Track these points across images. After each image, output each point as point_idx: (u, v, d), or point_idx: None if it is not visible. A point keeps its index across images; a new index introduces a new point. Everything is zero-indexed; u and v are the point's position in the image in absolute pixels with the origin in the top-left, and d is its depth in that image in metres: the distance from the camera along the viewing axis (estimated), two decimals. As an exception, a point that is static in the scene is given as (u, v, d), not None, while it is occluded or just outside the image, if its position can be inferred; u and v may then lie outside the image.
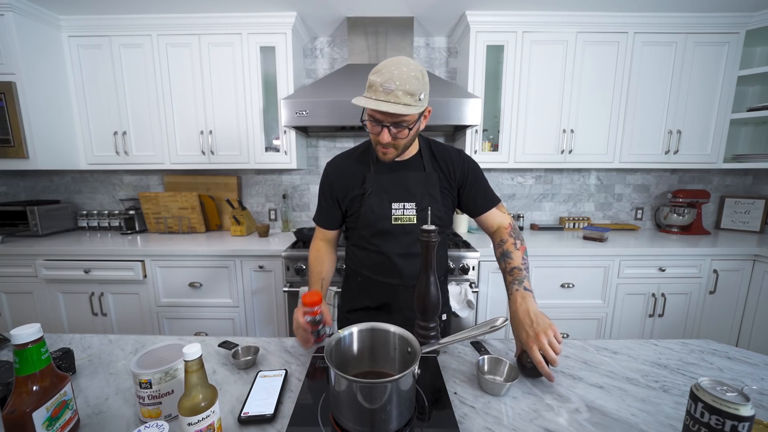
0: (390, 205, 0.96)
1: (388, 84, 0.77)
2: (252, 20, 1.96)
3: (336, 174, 1.01)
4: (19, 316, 1.94)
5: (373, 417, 0.55)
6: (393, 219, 0.96)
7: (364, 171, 0.98)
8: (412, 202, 0.96)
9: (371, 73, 0.80)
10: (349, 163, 1.01)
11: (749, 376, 0.74)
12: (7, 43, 1.79)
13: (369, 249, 1.01)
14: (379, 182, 0.96)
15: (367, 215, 0.96)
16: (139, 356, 0.64)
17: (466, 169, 1.00)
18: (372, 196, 0.96)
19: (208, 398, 0.52)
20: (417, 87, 0.78)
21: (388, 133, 0.83)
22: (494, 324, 0.70)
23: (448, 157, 1.01)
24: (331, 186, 1.01)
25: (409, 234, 0.96)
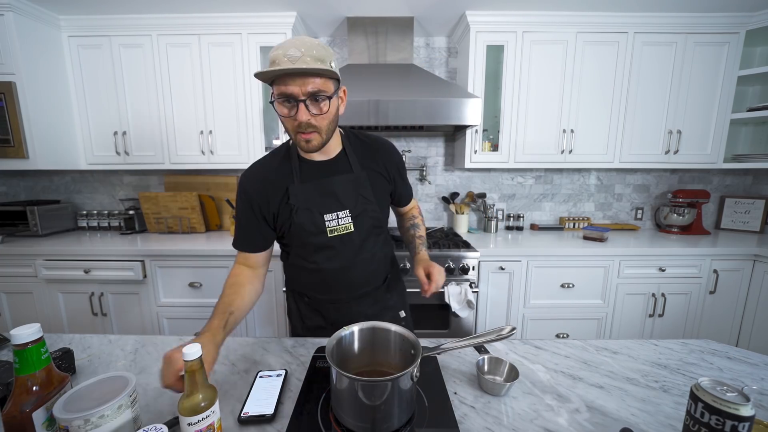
0: (322, 217, 0.86)
1: (292, 52, 0.68)
2: (252, 20, 1.96)
3: (254, 187, 0.86)
4: (19, 316, 1.94)
5: (374, 414, 0.55)
6: (329, 231, 0.87)
7: (287, 182, 0.85)
8: (345, 209, 0.87)
9: (271, 53, 0.71)
10: (268, 173, 0.87)
11: (749, 376, 0.74)
12: (7, 43, 1.79)
13: (308, 267, 0.91)
14: (305, 194, 0.85)
15: (299, 233, 0.86)
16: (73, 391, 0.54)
17: (399, 165, 0.98)
18: (300, 211, 0.85)
19: (208, 398, 0.51)
20: (324, 54, 0.71)
21: (305, 109, 0.72)
22: (501, 332, 0.69)
23: (379, 149, 0.94)
24: (251, 201, 0.86)
25: (347, 244, 0.89)
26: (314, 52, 0.69)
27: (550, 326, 1.94)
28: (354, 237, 0.89)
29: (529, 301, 1.91)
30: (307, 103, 0.72)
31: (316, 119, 0.75)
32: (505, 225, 2.46)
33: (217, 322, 0.74)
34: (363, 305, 0.97)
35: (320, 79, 0.72)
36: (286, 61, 0.68)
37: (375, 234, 0.93)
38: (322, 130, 0.77)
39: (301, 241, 0.88)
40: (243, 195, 0.87)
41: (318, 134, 0.77)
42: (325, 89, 0.73)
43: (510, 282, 1.89)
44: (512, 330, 0.69)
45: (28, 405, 0.51)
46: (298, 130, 0.76)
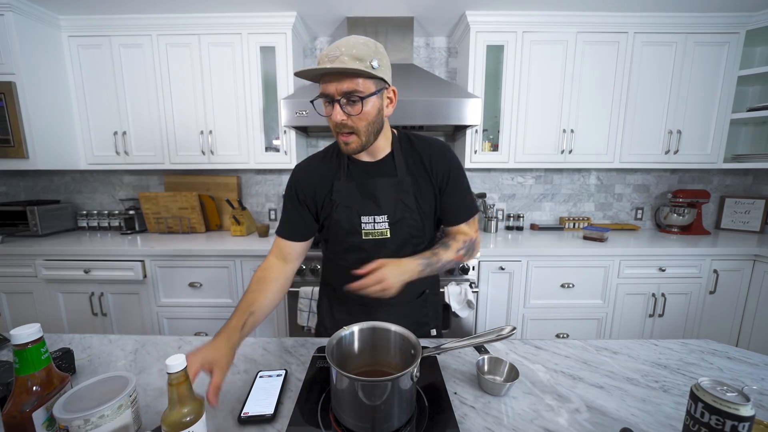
0: (359, 218, 0.86)
1: (333, 52, 0.69)
2: (252, 20, 1.96)
3: (305, 178, 0.89)
4: (19, 316, 1.94)
5: (374, 414, 0.55)
6: (363, 234, 0.86)
7: (334, 178, 0.87)
8: (383, 215, 0.85)
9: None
10: (318, 167, 0.90)
11: (749, 376, 0.74)
12: (7, 43, 1.79)
13: (341, 264, 0.91)
14: (347, 192, 0.86)
15: (336, 229, 0.88)
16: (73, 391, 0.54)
17: (450, 170, 0.87)
18: (340, 209, 0.86)
19: (194, 412, 0.49)
20: (366, 52, 0.70)
21: (339, 110, 0.72)
22: (501, 332, 0.69)
23: (429, 152, 0.87)
24: (299, 190, 0.89)
25: (381, 248, 0.87)
26: (354, 51, 0.69)
27: (550, 326, 1.94)
28: (389, 244, 0.87)
29: (529, 301, 1.91)
30: (342, 103, 0.72)
31: (352, 120, 0.74)
32: (505, 225, 2.46)
33: (236, 321, 0.73)
34: (393, 315, 0.90)
35: (359, 79, 0.71)
36: (327, 61, 0.69)
37: (413, 244, 0.89)
38: (360, 131, 0.76)
39: (337, 238, 0.90)
40: (293, 183, 0.90)
41: (356, 136, 0.76)
42: (362, 89, 0.71)
43: (510, 282, 1.89)
44: (512, 330, 0.69)
45: (28, 405, 0.51)
46: (337, 130, 0.76)
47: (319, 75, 0.72)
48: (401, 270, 0.76)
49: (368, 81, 0.72)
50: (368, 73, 0.69)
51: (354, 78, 0.70)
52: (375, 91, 0.73)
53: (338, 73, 0.70)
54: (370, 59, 0.70)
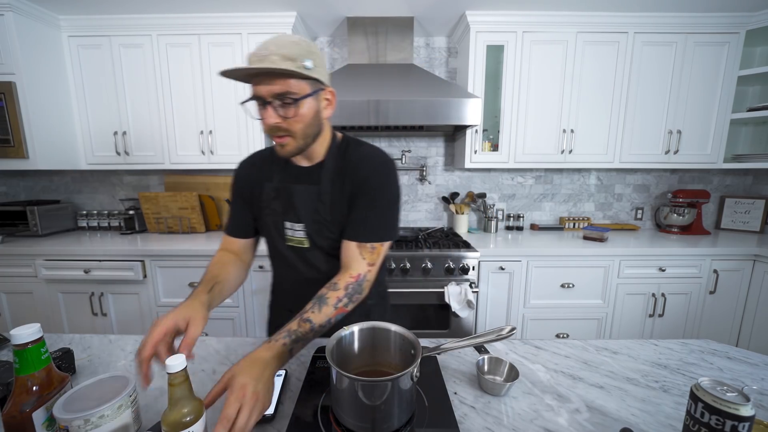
0: (283, 224, 0.84)
1: (261, 51, 0.65)
2: (252, 20, 1.96)
3: (244, 175, 0.89)
4: (19, 316, 1.94)
5: (374, 414, 0.55)
6: (286, 240, 0.85)
7: (266, 178, 0.85)
8: (301, 223, 0.82)
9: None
10: (259, 164, 0.88)
11: (749, 376, 0.74)
12: (7, 43, 1.79)
13: (276, 272, 0.93)
14: (273, 196, 0.83)
15: (265, 232, 0.88)
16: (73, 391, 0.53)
17: (367, 182, 0.78)
18: (267, 211, 0.84)
19: (194, 412, 0.49)
20: (297, 52, 0.66)
21: (272, 112, 0.68)
22: (501, 332, 0.69)
23: (358, 164, 0.79)
24: (239, 186, 0.89)
25: (301, 258, 0.85)
26: (284, 51, 0.65)
27: (550, 326, 1.94)
28: (307, 254, 0.84)
29: (529, 301, 1.91)
30: (275, 106, 0.68)
31: (287, 123, 0.70)
32: (505, 225, 2.46)
33: (202, 288, 0.73)
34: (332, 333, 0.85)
35: (291, 80, 0.67)
36: (255, 60, 0.65)
37: (335, 256, 0.82)
38: (296, 134, 0.72)
39: (267, 241, 0.90)
40: (234, 179, 0.90)
41: (292, 138, 0.72)
42: (295, 91, 0.68)
43: (510, 282, 1.89)
44: (512, 330, 0.69)
45: (28, 405, 0.51)
46: (271, 133, 0.72)
47: (250, 76, 0.68)
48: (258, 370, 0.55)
49: (302, 82, 0.68)
50: (300, 73, 0.65)
51: (286, 79, 0.67)
52: (310, 92, 0.70)
53: (269, 74, 0.66)
54: (302, 59, 0.66)
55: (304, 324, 0.68)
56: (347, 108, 1.74)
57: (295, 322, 0.68)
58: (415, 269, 1.78)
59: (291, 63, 0.65)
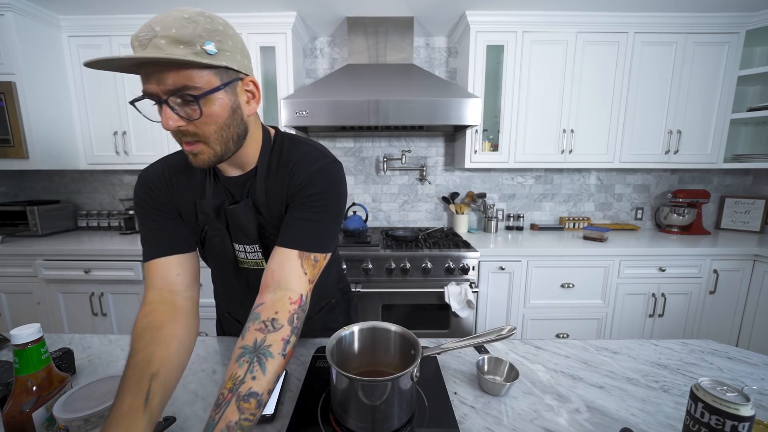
0: (232, 246, 0.72)
1: (144, 32, 0.48)
2: (252, 20, 1.95)
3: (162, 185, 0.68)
4: (19, 316, 1.94)
5: (374, 414, 0.55)
6: (239, 262, 0.74)
7: (195, 195, 0.68)
8: (254, 244, 0.70)
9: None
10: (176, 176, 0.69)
11: (749, 376, 0.74)
12: (7, 43, 1.79)
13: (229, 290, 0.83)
14: (212, 215, 0.68)
15: (212, 255, 0.75)
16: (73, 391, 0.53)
17: (307, 185, 0.64)
18: (210, 233, 0.70)
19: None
20: (192, 31, 0.49)
21: (170, 113, 0.52)
22: (501, 332, 0.69)
23: (293, 164, 0.66)
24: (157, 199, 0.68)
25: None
26: (173, 32, 0.48)
27: (550, 326, 1.94)
28: None
29: (529, 301, 1.91)
30: (173, 104, 0.52)
31: (193, 125, 0.54)
32: (505, 225, 2.46)
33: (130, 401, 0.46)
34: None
35: (191, 71, 0.50)
36: (137, 45, 0.49)
37: None
38: (209, 138, 0.56)
39: (215, 263, 0.77)
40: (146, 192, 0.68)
41: (205, 145, 0.56)
42: (198, 84, 0.51)
43: (510, 282, 1.89)
44: (512, 330, 0.69)
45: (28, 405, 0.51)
46: (176, 139, 0.56)
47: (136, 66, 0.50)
48: None
49: (207, 72, 0.52)
50: (198, 62, 0.49)
51: (180, 70, 0.50)
52: (220, 85, 0.54)
53: (157, 64, 0.49)
54: (200, 41, 0.50)
55: (247, 405, 0.45)
56: (347, 108, 1.74)
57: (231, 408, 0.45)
58: (415, 269, 1.78)
59: (185, 48, 0.49)
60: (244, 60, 0.59)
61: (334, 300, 0.92)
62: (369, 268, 1.76)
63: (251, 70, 0.62)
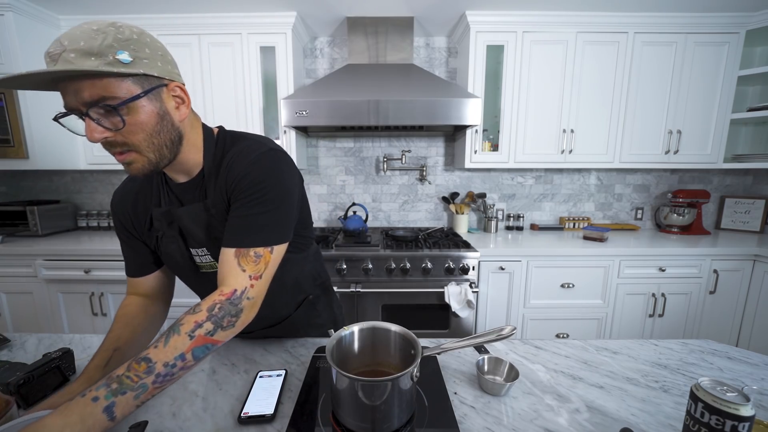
0: (188, 251, 0.73)
1: (54, 48, 0.49)
2: (252, 20, 1.95)
3: (122, 206, 0.75)
4: (19, 316, 1.94)
5: (374, 414, 0.55)
6: (199, 268, 0.75)
7: (149, 205, 0.73)
8: (202, 247, 0.71)
9: None
10: (134, 190, 0.74)
11: (749, 376, 0.74)
12: (7, 43, 1.79)
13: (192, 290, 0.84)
14: (167, 221, 0.71)
15: (171, 264, 0.76)
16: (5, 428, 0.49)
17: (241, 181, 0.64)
18: (165, 240, 0.72)
19: None
20: (101, 42, 0.50)
21: (93, 125, 0.52)
22: (501, 332, 0.69)
23: (232, 160, 0.67)
24: (120, 221, 0.76)
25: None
26: (81, 44, 0.49)
27: (550, 326, 1.94)
28: None
29: (529, 301, 1.91)
30: (95, 116, 0.52)
31: (120, 135, 0.55)
32: (505, 225, 2.46)
33: (96, 362, 0.62)
34: (279, 330, 0.88)
35: (104, 81, 0.51)
36: (48, 60, 0.49)
37: None
38: (140, 147, 0.57)
39: (178, 273, 0.78)
40: (113, 213, 0.76)
41: (137, 153, 0.57)
42: (115, 94, 0.52)
43: (510, 282, 1.89)
44: (512, 330, 0.69)
45: None
46: (109, 150, 0.57)
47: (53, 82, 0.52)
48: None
49: (124, 81, 0.52)
50: (110, 72, 0.50)
51: (95, 81, 0.50)
52: (140, 93, 0.54)
53: (72, 78, 0.50)
54: (112, 51, 0.50)
55: (136, 366, 0.50)
56: (347, 108, 1.74)
57: (124, 365, 0.51)
58: (415, 269, 1.78)
59: (96, 59, 0.49)
60: (167, 66, 0.59)
61: (312, 296, 0.90)
62: (369, 268, 1.76)
63: (177, 76, 0.62)
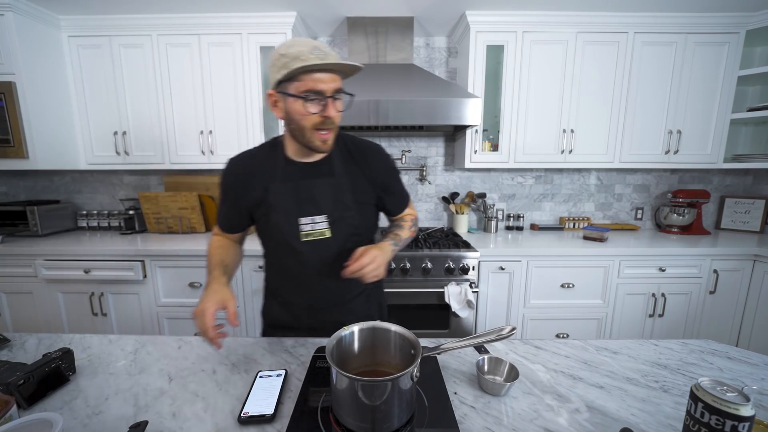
0: (297, 221, 0.85)
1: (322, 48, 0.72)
2: (252, 20, 1.96)
3: (238, 177, 0.88)
4: (19, 316, 1.94)
5: (374, 415, 0.55)
6: (303, 236, 0.85)
7: (267, 180, 0.85)
8: (323, 215, 0.85)
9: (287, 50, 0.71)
10: (253, 165, 0.87)
11: (749, 376, 0.74)
12: (7, 43, 1.79)
13: (282, 269, 0.93)
14: (284, 194, 0.84)
15: (274, 233, 0.86)
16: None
17: (389, 169, 0.93)
18: (277, 212, 0.84)
19: None
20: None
21: (333, 105, 0.75)
22: (501, 332, 0.69)
23: (368, 155, 0.90)
24: (232, 190, 0.88)
25: (322, 250, 0.86)
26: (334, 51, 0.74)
27: (550, 326, 1.94)
28: (330, 243, 0.87)
29: (529, 301, 1.91)
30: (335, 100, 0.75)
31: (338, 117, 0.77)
32: (505, 225, 2.46)
33: (217, 273, 0.83)
34: (337, 314, 0.94)
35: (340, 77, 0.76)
36: (315, 58, 0.69)
37: (353, 242, 0.88)
38: (336, 128, 0.80)
39: (276, 242, 0.89)
40: (224, 180, 0.89)
41: (332, 132, 0.79)
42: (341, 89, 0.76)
43: (510, 282, 1.89)
44: (512, 330, 0.69)
45: None
46: (320, 127, 0.76)
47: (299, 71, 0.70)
48: (382, 252, 0.82)
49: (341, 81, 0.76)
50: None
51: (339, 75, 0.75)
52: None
53: (330, 70, 0.72)
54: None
55: (396, 237, 0.92)
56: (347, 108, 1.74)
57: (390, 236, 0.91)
58: (415, 269, 1.78)
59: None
60: None
61: (370, 287, 0.99)
62: (369, 268, 1.75)
63: None
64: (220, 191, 0.91)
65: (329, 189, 0.86)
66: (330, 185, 0.86)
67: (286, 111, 0.77)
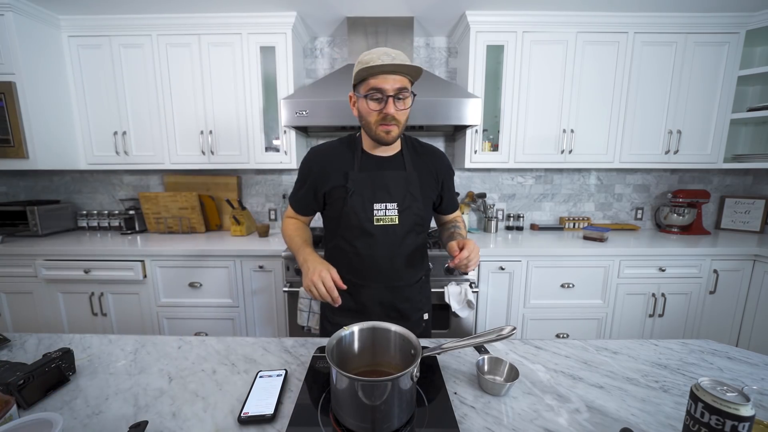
0: (372, 206, 0.95)
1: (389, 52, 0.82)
2: (252, 20, 1.96)
3: (320, 164, 0.98)
4: (19, 316, 1.94)
5: (374, 414, 0.55)
6: (375, 220, 0.95)
7: (347, 168, 0.96)
8: (394, 203, 0.96)
9: (364, 56, 0.84)
10: (334, 155, 0.99)
11: (749, 376, 0.74)
12: (7, 43, 1.79)
13: (351, 252, 0.99)
14: (363, 181, 0.95)
15: (350, 216, 0.95)
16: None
17: (448, 171, 1.06)
18: (354, 196, 0.94)
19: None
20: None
21: (393, 103, 0.84)
22: (501, 332, 0.69)
23: (432, 156, 1.04)
24: (313, 175, 0.98)
25: (390, 235, 0.96)
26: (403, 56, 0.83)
27: (550, 326, 1.94)
28: (397, 230, 0.96)
29: (529, 301, 1.91)
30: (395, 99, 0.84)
31: (399, 114, 0.86)
32: (505, 225, 2.46)
33: (309, 248, 0.95)
34: (395, 298, 1.01)
35: (406, 78, 0.85)
36: (389, 59, 0.81)
37: (416, 231, 1.00)
38: (400, 123, 0.88)
39: (349, 224, 0.96)
40: (305, 166, 1.00)
41: (397, 127, 0.88)
42: (407, 90, 0.86)
43: (510, 282, 1.89)
44: (512, 330, 0.69)
45: None
46: (383, 122, 0.86)
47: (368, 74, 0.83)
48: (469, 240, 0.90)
49: (408, 82, 0.86)
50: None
51: (404, 77, 0.85)
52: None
53: (394, 72, 0.83)
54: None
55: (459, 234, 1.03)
56: (347, 108, 1.74)
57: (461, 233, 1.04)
58: (415, 269, 1.77)
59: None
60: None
61: (423, 277, 1.08)
62: (369, 268, 1.75)
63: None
64: (299, 176, 1.02)
65: (401, 180, 0.96)
66: (402, 177, 0.97)
67: (358, 109, 0.91)
